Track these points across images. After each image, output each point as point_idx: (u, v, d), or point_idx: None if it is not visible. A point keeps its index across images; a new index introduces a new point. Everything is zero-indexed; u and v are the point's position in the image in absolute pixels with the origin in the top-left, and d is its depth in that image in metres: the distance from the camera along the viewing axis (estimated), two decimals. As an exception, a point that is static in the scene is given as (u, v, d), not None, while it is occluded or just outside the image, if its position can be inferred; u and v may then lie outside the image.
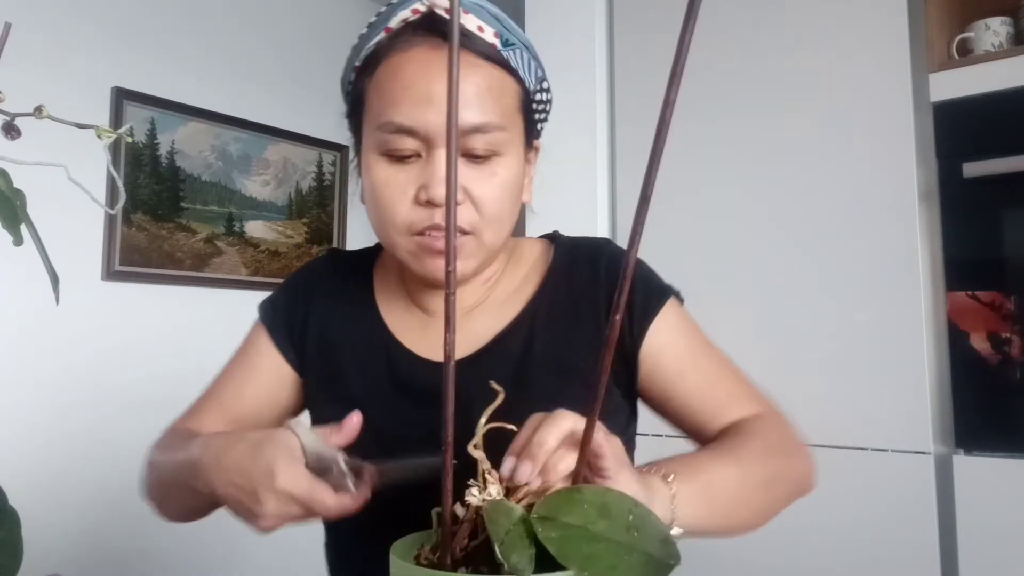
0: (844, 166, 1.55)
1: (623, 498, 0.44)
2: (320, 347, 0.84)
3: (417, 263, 0.73)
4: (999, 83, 1.39)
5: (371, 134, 0.73)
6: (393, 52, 0.72)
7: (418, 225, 0.71)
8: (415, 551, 0.47)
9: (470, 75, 0.70)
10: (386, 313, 0.84)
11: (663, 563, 0.40)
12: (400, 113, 0.69)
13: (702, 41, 1.97)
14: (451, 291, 0.37)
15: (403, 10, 0.72)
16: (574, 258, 0.84)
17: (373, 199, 0.74)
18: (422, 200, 0.70)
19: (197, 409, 0.85)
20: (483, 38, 0.72)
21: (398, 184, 0.71)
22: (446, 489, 0.42)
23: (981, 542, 1.33)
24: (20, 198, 0.42)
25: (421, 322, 0.83)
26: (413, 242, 0.72)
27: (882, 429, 1.46)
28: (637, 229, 0.37)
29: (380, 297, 0.85)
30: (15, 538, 0.42)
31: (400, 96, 0.70)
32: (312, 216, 2.73)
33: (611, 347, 0.39)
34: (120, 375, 2.15)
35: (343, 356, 0.83)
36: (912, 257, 1.46)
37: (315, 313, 0.85)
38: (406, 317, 0.83)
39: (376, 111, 0.72)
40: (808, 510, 1.51)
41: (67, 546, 2.00)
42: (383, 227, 0.74)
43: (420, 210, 0.71)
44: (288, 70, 2.68)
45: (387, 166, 0.72)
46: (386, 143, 0.71)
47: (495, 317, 0.81)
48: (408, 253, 0.73)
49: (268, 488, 0.58)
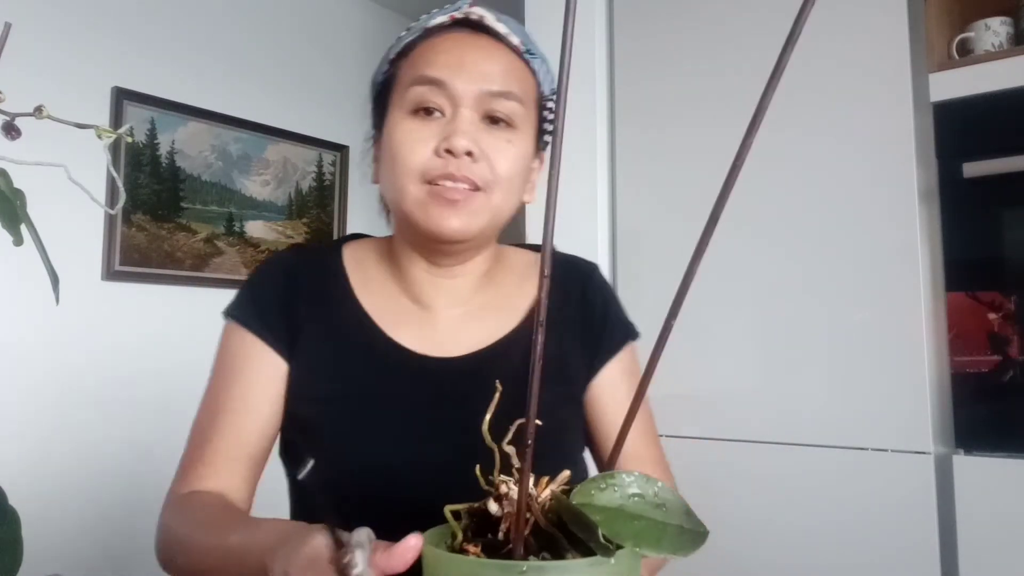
0: (844, 166, 1.55)
1: (647, 478, 0.46)
2: (306, 344, 0.80)
3: (423, 212, 0.74)
4: (999, 83, 1.39)
5: (400, 99, 0.77)
6: (429, 38, 0.78)
7: (432, 172, 0.73)
8: (443, 546, 0.47)
9: (499, 56, 0.77)
10: (372, 309, 0.81)
11: (697, 533, 0.43)
12: (434, 69, 0.75)
13: (702, 41, 1.98)
14: (541, 295, 0.37)
15: (440, 16, 0.79)
16: (568, 275, 0.87)
17: (391, 152, 0.76)
18: (441, 150, 0.73)
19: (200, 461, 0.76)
20: (511, 40, 0.79)
21: (420, 136, 0.74)
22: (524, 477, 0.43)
23: (981, 542, 1.33)
24: (20, 198, 0.42)
25: (416, 317, 0.82)
26: (424, 190, 0.74)
27: (882, 429, 1.46)
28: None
29: (361, 292, 0.83)
30: (15, 538, 0.42)
31: (435, 58, 0.76)
32: (312, 216, 2.73)
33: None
34: (120, 375, 2.15)
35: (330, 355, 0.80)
36: (912, 257, 1.46)
37: (299, 307, 0.81)
38: (398, 312, 0.82)
39: (409, 76, 0.77)
40: (808, 510, 1.51)
41: (67, 546, 2.00)
42: (396, 177, 0.75)
43: (437, 160, 0.73)
44: (288, 70, 2.68)
45: (412, 121, 0.75)
46: (415, 97, 0.75)
47: (495, 321, 0.82)
48: (416, 202, 0.74)
49: None
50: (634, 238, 1.85)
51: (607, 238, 1.89)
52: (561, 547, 0.44)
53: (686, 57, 1.80)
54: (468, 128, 0.73)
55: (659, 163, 1.82)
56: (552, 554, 0.44)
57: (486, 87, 0.74)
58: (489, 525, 0.47)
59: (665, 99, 1.82)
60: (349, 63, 2.90)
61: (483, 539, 0.46)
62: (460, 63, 0.74)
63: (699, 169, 1.73)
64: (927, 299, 1.45)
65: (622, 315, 0.89)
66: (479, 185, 0.74)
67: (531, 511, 0.45)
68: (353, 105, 2.89)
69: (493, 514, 0.46)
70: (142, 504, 2.31)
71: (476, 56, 0.75)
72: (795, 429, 1.56)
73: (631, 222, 1.86)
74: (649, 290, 1.78)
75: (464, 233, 0.75)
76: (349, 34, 2.91)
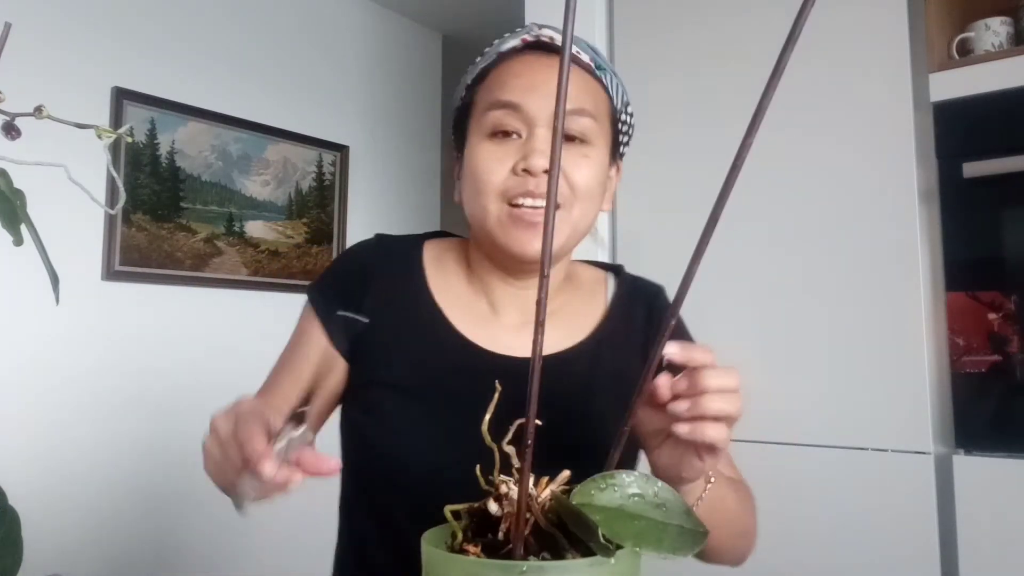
0: (844, 166, 1.55)
1: (646, 478, 0.46)
2: (375, 332, 0.84)
3: (503, 232, 0.77)
4: (999, 83, 1.39)
5: (478, 124, 0.80)
6: (503, 62, 0.82)
7: (512, 192, 0.76)
8: (444, 545, 0.47)
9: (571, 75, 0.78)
10: (445, 304, 0.85)
11: (697, 532, 0.44)
12: (508, 92, 0.78)
13: (701, 41, 1.98)
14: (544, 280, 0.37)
15: (513, 40, 0.82)
16: (634, 297, 0.92)
17: (472, 173, 0.79)
18: (519, 170, 0.76)
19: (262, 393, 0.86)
20: (581, 58, 0.82)
21: (498, 157, 0.78)
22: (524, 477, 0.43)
23: (981, 542, 1.33)
24: (20, 198, 0.42)
25: (485, 318, 0.85)
26: (505, 210, 0.77)
27: (882, 429, 1.46)
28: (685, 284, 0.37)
29: (436, 286, 0.86)
30: (15, 538, 0.42)
31: (509, 82, 0.79)
32: (312, 216, 2.73)
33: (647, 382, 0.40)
34: (120, 375, 2.15)
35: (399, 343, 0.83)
36: (912, 257, 1.46)
37: (369, 297, 0.85)
38: (469, 310, 0.85)
39: (485, 101, 0.80)
40: (809, 510, 1.51)
41: (67, 546, 2.00)
42: (477, 196, 0.78)
43: (516, 179, 0.76)
44: (288, 70, 2.68)
45: (490, 144, 0.79)
46: (492, 121, 0.78)
47: (561, 332, 0.85)
48: (497, 222, 0.78)
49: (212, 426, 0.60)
50: (634, 238, 1.85)
51: (607, 238, 1.90)
52: (561, 547, 0.44)
53: (686, 57, 1.80)
54: (544, 147, 0.76)
55: (659, 163, 1.82)
56: (552, 554, 0.44)
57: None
58: (489, 525, 0.47)
59: (665, 99, 1.82)
60: (349, 63, 2.90)
61: (483, 539, 0.46)
62: (532, 84, 0.77)
63: (699, 169, 1.73)
64: (927, 299, 1.45)
65: (687, 336, 0.93)
66: (558, 202, 0.76)
67: (531, 511, 0.45)
68: (353, 105, 2.90)
69: (493, 514, 0.46)
70: (143, 504, 2.31)
71: (547, 76, 0.78)
72: (795, 429, 1.56)
73: (631, 222, 1.86)
74: (649, 290, 1.78)
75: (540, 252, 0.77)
76: (349, 34, 2.91)
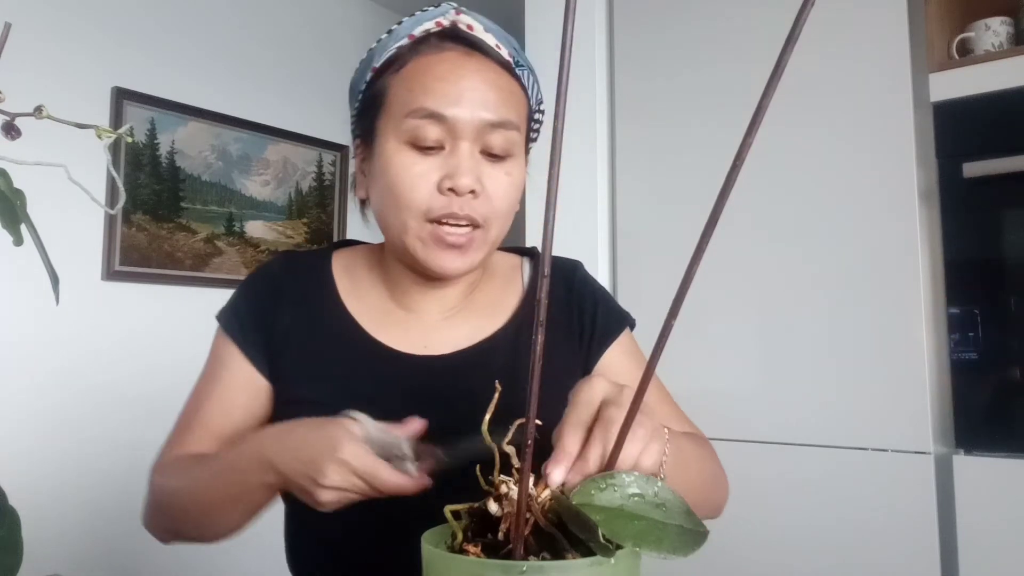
0: (844, 166, 1.55)
1: (646, 477, 0.46)
2: (290, 350, 0.82)
3: (424, 252, 0.75)
4: (999, 83, 1.39)
5: (394, 125, 0.75)
6: (423, 53, 0.76)
7: (436, 211, 0.73)
8: (444, 545, 0.47)
9: (493, 79, 0.76)
10: (358, 313, 0.83)
11: (697, 532, 0.43)
12: (432, 100, 0.73)
13: (702, 41, 1.98)
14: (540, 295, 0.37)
15: (427, 22, 0.77)
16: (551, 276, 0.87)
17: (390, 184, 0.75)
18: (444, 188, 0.73)
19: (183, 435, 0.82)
20: (500, 54, 0.78)
21: (420, 171, 0.74)
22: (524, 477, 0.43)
23: (981, 542, 1.33)
24: (20, 198, 0.42)
25: (401, 321, 0.83)
26: (427, 229, 0.75)
27: (882, 429, 1.46)
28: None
29: (348, 297, 0.85)
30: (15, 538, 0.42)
31: (433, 86, 0.74)
32: (312, 216, 2.73)
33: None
34: (120, 375, 2.15)
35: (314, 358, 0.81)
36: (912, 257, 1.46)
37: (282, 316, 0.83)
38: (384, 316, 0.84)
39: (403, 101, 0.75)
40: (808, 510, 1.51)
41: (67, 546, 2.00)
42: (397, 212, 0.75)
43: (440, 197, 0.73)
44: (288, 70, 2.68)
45: (410, 153, 0.74)
46: (413, 130, 0.74)
47: (478, 324, 0.84)
48: (418, 239, 0.75)
49: (330, 459, 0.60)
50: (634, 238, 1.85)
51: (607, 238, 1.90)
52: (561, 547, 0.44)
53: (686, 57, 1.80)
54: (470, 164, 0.74)
55: (659, 163, 1.82)
56: (552, 554, 0.44)
57: (486, 117, 0.74)
58: (489, 525, 0.47)
59: (665, 99, 1.82)
60: (349, 63, 2.87)
61: (483, 539, 0.46)
62: (459, 93, 0.73)
63: (699, 169, 1.73)
64: (927, 299, 1.45)
65: (613, 305, 0.90)
66: (479, 222, 0.75)
67: (531, 511, 0.45)
68: (353, 105, 2.90)
69: (493, 514, 0.46)
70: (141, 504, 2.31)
71: (474, 83, 0.74)
72: (795, 429, 1.56)
73: (631, 222, 1.86)
74: (649, 290, 1.78)
75: (466, 272, 0.78)
76: (349, 34, 2.91)
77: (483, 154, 0.75)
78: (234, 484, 0.70)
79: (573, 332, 0.86)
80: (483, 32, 0.78)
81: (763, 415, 1.60)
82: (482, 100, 0.74)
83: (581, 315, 0.86)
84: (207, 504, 0.73)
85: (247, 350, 0.82)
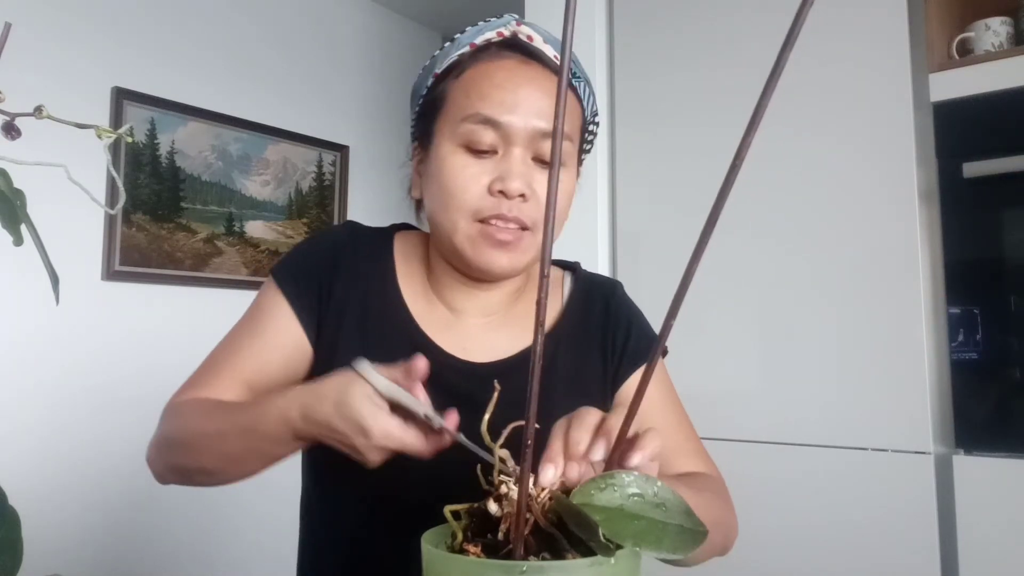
0: (844, 166, 1.55)
1: (646, 478, 0.46)
2: (342, 322, 0.82)
3: (473, 250, 0.77)
4: (999, 83, 1.39)
5: (451, 128, 0.78)
6: (483, 60, 0.79)
7: (485, 211, 0.75)
8: (443, 545, 0.47)
9: (549, 89, 0.78)
10: (409, 300, 0.84)
11: (696, 532, 0.43)
12: (488, 106, 0.75)
13: (701, 41, 1.98)
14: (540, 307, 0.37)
15: (488, 32, 0.80)
16: (591, 293, 0.91)
17: (443, 184, 0.77)
18: (495, 190, 0.75)
19: (211, 377, 0.82)
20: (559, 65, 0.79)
21: (473, 172, 0.76)
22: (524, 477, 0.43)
23: (981, 542, 1.33)
24: (20, 198, 0.42)
25: (444, 318, 0.85)
26: (476, 228, 0.76)
27: (882, 429, 1.46)
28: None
29: (403, 282, 0.85)
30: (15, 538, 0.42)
31: (490, 93, 0.76)
32: (312, 216, 2.73)
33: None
34: (120, 375, 2.15)
35: (366, 337, 0.82)
36: (912, 257, 1.46)
37: (338, 286, 0.83)
38: (430, 311, 0.85)
39: (461, 106, 0.77)
40: (808, 510, 1.51)
41: (67, 546, 2.00)
42: (448, 211, 0.77)
43: (490, 199, 0.75)
44: (288, 70, 2.68)
45: (464, 156, 0.76)
46: (468, 134, 0.76)
47: (517, 333, 0.85)
48: (467, 238, 0.77)
49: (364, 446, 0.61)
50: (634, 238, 1.85)
51: (607, 238, 1.90)
52: (561, 547, 0.44)
53: (686, 57, 1.80)
54: (522, 169, 0.75)
55: (659, 163, 1.82)
56: (552, 554, 0.44)
57: (539, 125, 0.76)
58: (489, 525, 0.47)
59: (665, 99, 1.82)
60: (350, 63, 2.90)
61: (483, 539, 0.46)
62: (515, 101, 0.75)
63: (699, 169, 1.73)
64: (927, 299, 1.45)
65: (648, 330, 0.91)
66: (527, 225, 0.76)
67: (531, 511, 0.45)
68: (353, 105, 2.90)
69: (493, 514, 0.46)
70: (143, 504, 2.31)
71: (529, 92, 0.76)
72: (795, 429, 1.56)
73: (631, 222, 1.86)
74: (649, 290, 1.77)
75: (512, 272, 0.80)
76: (350, 34, 2.91)
77: (535, 161, 0.77)
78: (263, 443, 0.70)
79: (605, 351, 0.87)
80: (542, 43, 0.80)
81: (763, 415, 1.60)
82: (537, 109, 0.76)
83: (615, 335, 0.88)
84: (227, 452, 0.74)
85: (298, 309, 0.82)
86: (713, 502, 0.79)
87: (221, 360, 0.83)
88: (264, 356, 0.82)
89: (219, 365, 0.82)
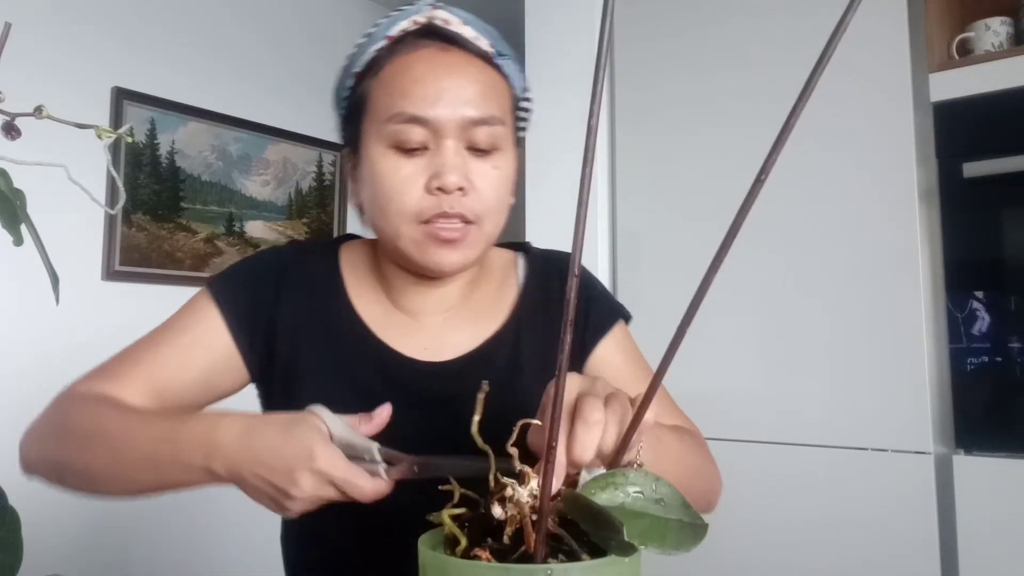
0: (844, 166, 1.55)
1: (644, 474, 0.46)
2: (298, 347, 0.80)
3: (421, 253, 0.74)
4: (999, 83, 1.39)
5: (377, 130, 0.75)
6: (399, 54, 0.76)
7: (427, 212, 0.73)
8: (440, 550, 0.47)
9: (473, 74, 0.75)
10: (363, 311, 0.82)
11: (696, 526, 0.43)
12: (411, 104, 0.72)
13: (701, 45, 1.98)
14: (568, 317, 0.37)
15: (403, 21, 0.76)
16: (547, 272, 0.88)
17: (378, 190, 0.74)
18: (432, 188, 0.72)
19: (117, 374, 0.77)
20: (480, 46, 0.77)
21: (407, 174, 0.73)
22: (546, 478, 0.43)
23: (981, 542, 1.33)
24: (20, 198, 0.42)
25: (402, 322, 0.83)
26: (420, 230, 0.74)
27: (882, 429, 1.46)
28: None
29: (354, 294, 0.83)
30: (15, 538, 0.42)
31: (411, 88, 0.73)
32: (312, 216, 2.73)
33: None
34: (120, 375, 2.15)
35: (323, 356, 0.80)
36: (912, 257, 1.46)
37: (285, 304, 0.81)
38: (386, 317, 0.83)
39: (384, 106, 0.74)
40: (809, 510, 1.51)
41: (67, 546, 2.00)
42: (388, 217, 0.74)
43: (430, 198, 0.73)
44: (288, 70, 2.68)
45: (395, 157, 0.74)
46: (395, 134, 0.73)
47: (478, 325, 0.83)
48: (413, 242, 0.74)
49: (305, 468, 0.58)
50: (634, 240, 1.85)
51: (607, 239, 1.90)
52: (569, 548, 0.43)
53: (686, 61, 1.80)
54: (456, 161, 0.73)
55: (659, 166, 1.82)
56: (556, 554, 0.43)
57: (468, 114, 0.73)
58: (487, 529, 0.46)
59: (665, 102, 1.82)
60: (349, 63, 2.90)
61: (487, 544, 0.46)
62: (438, 93, 0.72)
63: (698, 171, 1.73)
64: (927, 299, 1.46)
65: (607, 298, 0.89)
66: (470, 219, 0.74)
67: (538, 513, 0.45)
68: (353, 105, 2.89)
69: (496, 518, 0.45)
70: (142, 504, 2.31)
71: (453, 81, 0.73)
72: (795, 429, 1.56)
73: (631, 224, 1.86)
74: (649, 291, 1.78)
75: (462, 267, 0.77)
76: (350, 34, 2.89)
77: (469, 150, 0.74)
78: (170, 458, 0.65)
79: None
80: (460, 25, 0.76)
81: (763, 415, 1.60)
82: (462, 97, 0.73)
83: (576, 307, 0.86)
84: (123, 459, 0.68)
85: (232, 322, 0.79)
86: (695, 450, 0.79)
87: (135, 356, 0.79)
88: (184, 358, 0.78)
89: (134, 358, 0.78)
